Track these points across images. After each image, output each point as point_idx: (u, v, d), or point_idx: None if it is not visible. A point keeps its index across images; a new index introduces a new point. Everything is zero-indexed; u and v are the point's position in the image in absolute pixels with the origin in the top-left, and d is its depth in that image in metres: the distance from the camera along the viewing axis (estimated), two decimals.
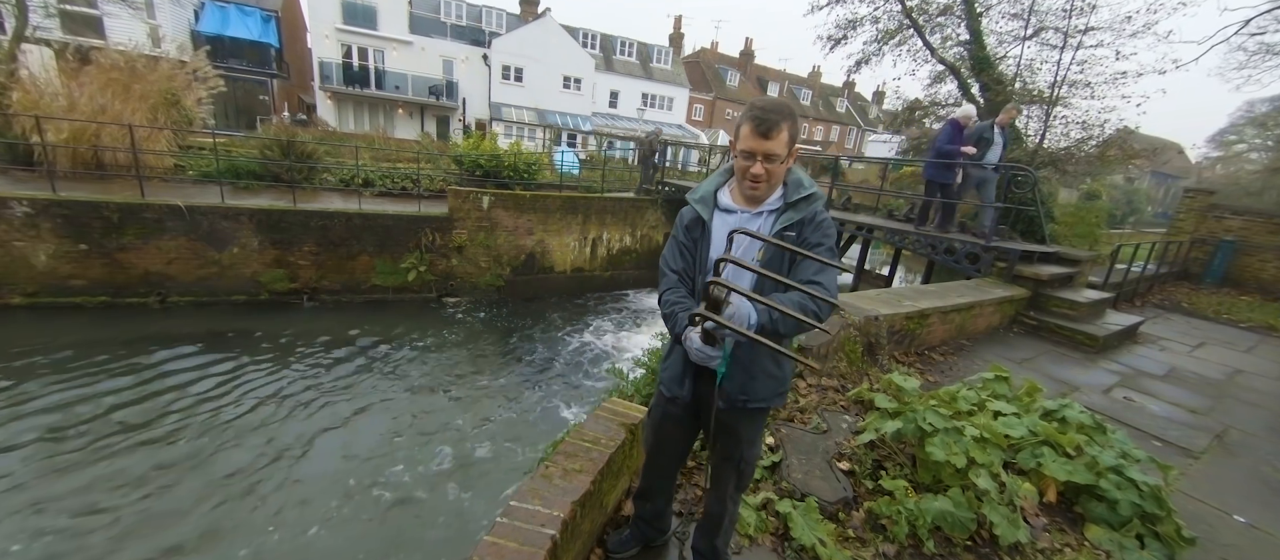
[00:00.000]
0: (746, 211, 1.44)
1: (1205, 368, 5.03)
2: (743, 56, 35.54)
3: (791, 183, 1.44)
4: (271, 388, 6.55)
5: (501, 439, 6.08)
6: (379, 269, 9.53)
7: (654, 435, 1.81)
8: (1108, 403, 3.85)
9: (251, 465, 5.13)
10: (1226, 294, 8.84)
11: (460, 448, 5.82)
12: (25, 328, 7.13)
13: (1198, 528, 2.31)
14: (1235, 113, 23.87)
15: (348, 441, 5.70)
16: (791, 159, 1.39)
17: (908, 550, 2.08)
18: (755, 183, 1.37)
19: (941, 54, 10.15)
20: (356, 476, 5.15)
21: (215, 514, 4.49)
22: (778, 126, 1.30)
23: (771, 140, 1.31)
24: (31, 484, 4.58)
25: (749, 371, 1.48)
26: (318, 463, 5.31)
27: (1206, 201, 10.34)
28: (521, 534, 1.46)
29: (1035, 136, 9.79)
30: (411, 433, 5.99)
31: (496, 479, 5.37)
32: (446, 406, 6.67)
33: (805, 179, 1.44)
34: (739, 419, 1.55)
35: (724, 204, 1.47)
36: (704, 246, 1.47)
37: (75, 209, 7.50)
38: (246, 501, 4.66)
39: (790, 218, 1.39)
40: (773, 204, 1.44)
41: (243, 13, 19.48)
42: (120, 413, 5.69)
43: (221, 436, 5.51)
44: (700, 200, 1.50)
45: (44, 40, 11.09)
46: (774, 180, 1.38)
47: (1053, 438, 2.48)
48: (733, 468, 1.66)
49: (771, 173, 1.35)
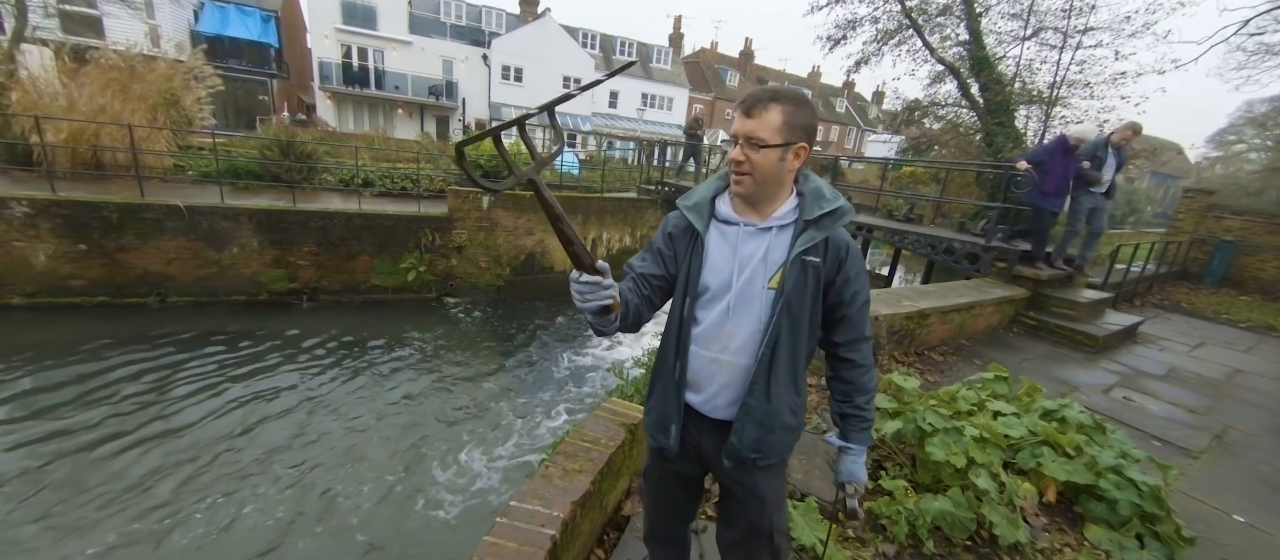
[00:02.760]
0: (751, 225, 1.17)
1: (1205, 368, 5.03)
2: (742, 57, 35.56)
3: (810, 193, 1.17)
4: (268, 388, 6.54)
5: (501, 439, 6.07)
6: (379, 269, 9.52)
7: (652, 495, 1.51)
8: (1107, 403, 3.85)
9: (247, 465, 5.13)
10: (1226, 294, 8.85)
11: (459, 447, 5.81)
12: (25, 327, 7.12)
13: (1197, 527, 2.31)
14: (1234, 113, 23.91)
15: (346, 441, 5.70)
16: (795, 158, 1.12)
17: (908, 550, 2.08)
18: (736, 170, 1.13)
19: (941, 54, 10.16)
20: (356, 476, 5.15)
21: (208, 513, 4.49)
22: (762, 104, 1.07)
23: (753, 119, 1.08)
24: (27, 487, 4.57)
25: (765, 425, 1.20)
26: (313, 461, 5.31)
27: (1206, 201, 10.34)
28: (521, 534, 1.46)
29: (1035, 136, 9.80)
30: (408, 432, 5.98)
31: (496, 479, 5.37)
32: (445, 407, 6.67)
33: (827, 190, 1.18)
34: (757, 480, 1.28)
35: (723, 214, 1.21)
36: (695, 262, 1.21)
37: (74, 209, 7.50)
38: (237, 499, 4.66)
39: (813, 238, 1.13)
40: (784, 217, 1.17)
41: (242, 13, 19.47)
42: (118, 412, 5.68)
43: (213, 436, 5.50)
44: (693, 207, 1.23)
45: (43, 40, 11.05)
46: (760, 176, 1.11)
47: (1052, 438, 2.48)
48: (764, 546, 1.32)
49: (754, 164, 1.10)
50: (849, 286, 1.19)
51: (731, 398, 1.23)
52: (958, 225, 7.23)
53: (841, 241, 1.17)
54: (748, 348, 1.19)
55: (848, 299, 1.20)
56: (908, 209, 8.35)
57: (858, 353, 1.25)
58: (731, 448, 1.22)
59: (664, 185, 12.35)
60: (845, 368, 1.26)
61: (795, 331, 1.17)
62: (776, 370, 1.18)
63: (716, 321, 1.19)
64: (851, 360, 1.25)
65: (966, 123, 10.87)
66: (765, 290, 1.16)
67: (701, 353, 1.22)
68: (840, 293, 1.19)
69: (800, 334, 1.19)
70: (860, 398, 1.26)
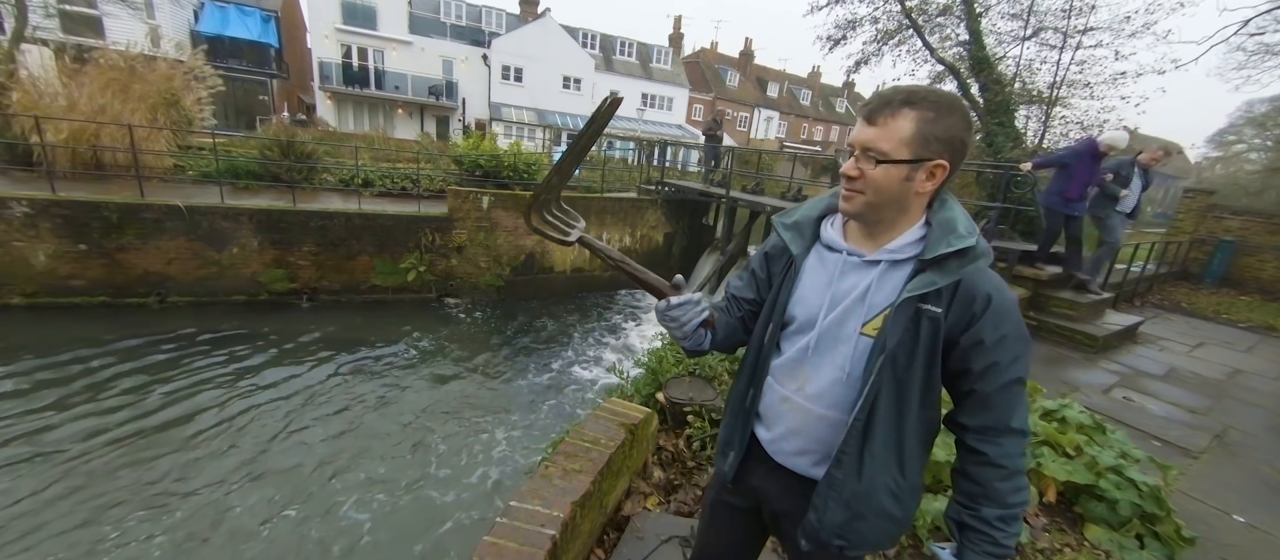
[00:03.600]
0: (857, 254, 0.98)
1: (1205, 367, 5.03)
2: (742, 56, 35.55)
3: (938, 225, 0.91)
4: (266, 386, 6.54)
5: (502, 439, 6.07)
6: (379, 269, 9.53)
7: (703, 516, 1.33)
8: (1107, 403, 3.85)
9: (240, 467, 5.13)
10: (1226, 294, 8.85)
11: (459, 447, 5.82)
12: (24, 327, 7.12)
13: (1197, 527, 2.31)
14: (1234, 113, 23.91)
15: (344, 441, 5.70)
16: (928, 179, 0.89)
17: (907, 550, 2.08)
18: (850, 185, 0.92)
19: (941, 54, 10.15)
20: (355, 476, 5.15)
21: (204, 511, 4.49)
22: (891, 109, 0.87)
23: (876, 126, 0.88)
24: (33, 487, 4.57)
25: (853, 507, 0.97)
26: (313, 460, 5.31)
27: (1206, 201, 10.34)
28: (521, 534, 1.46)
29: (1034, 137, 9.79)
30: (408, 432, 5.99)
31: (497, 479, 5.37)
32: (446, 406, 6.67)
33: (963, 222, 0.90)
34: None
35: (828, 237, 1.03)
36: (785, 289, 1.05)
37: (75, 209, 7.50)
38: (238, 500, 4.66)
39: (932, 283, 0.88)
40: (901, 250, 0.94)
41: (242, 13, 19.47)
42: (120, 412, 5.68)
43: (213, 436, 5.50)
44: (792, 226, 1.06)
45: (43, 40, 11.06)
46: (877, 196, 0.90)
47: (1052, 438, 2.49)
48: None
49: (870, 181, 0.89)
50: (982, 354, 0.89)
51: (800, 446, 1.05)
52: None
53: (979, 290, 0.88)
54: (827, 397, 1.00)
55: (980, 370, 0.90)
56: None
57: (994, 446, 0.92)
58: (809, 527, 1.01)
59: (664, 185, 12.35)
60: (973, 463, 0.95)
61: (902, 396, 0.93)
62: (871, 441, 0.94)
63: (795, 357, 1.03)
64: (982, 454, 0.93)
65: None
66: (858, 336, 0.95)
67: (776, 387, 1.07)
68: (967, 359, 0.90)
69: (908, 401, 0.94)
70: (989, 510, 0.93)
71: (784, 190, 9.97)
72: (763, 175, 11.33)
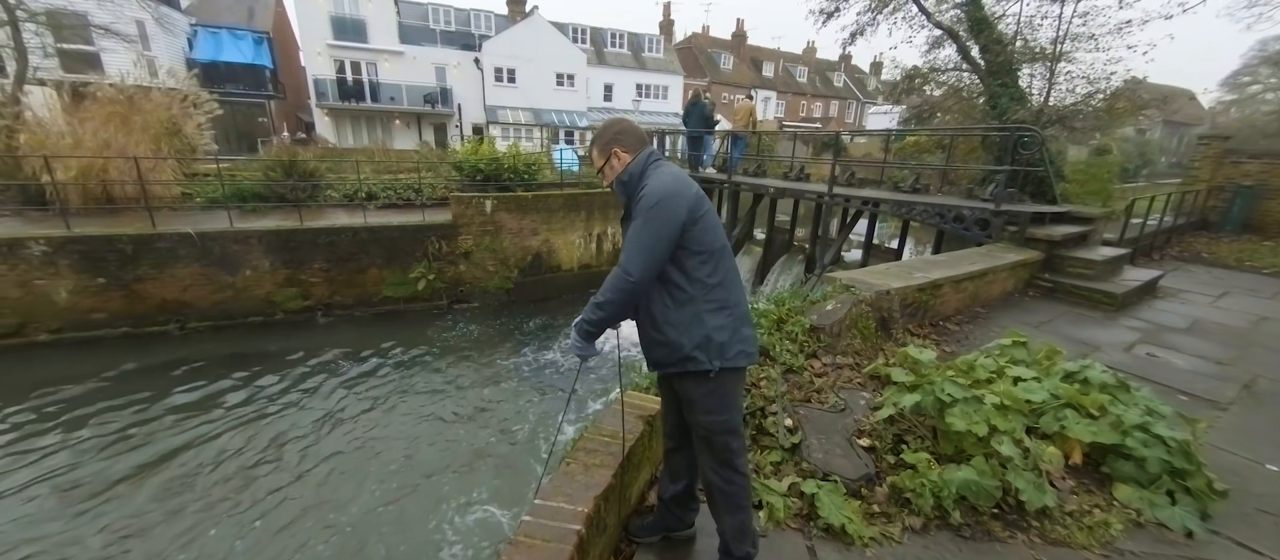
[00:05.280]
0: None
1: (1229, 317, 4.92)
2: (735, 38, 35.10)
3: None
4: (288, 403, 6.67)
5: (522, 438, 6.14)
6: (389, 280, 9.62)
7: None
8: (1130, 360, 3.79)
9: (281, 486, 5.24)
10: (1247, 241, 8.63)
11: (480, 450, 5.89)
12: (51, 363, 7.31)
13: (1229, 479, 2.27)
14: (1248, 53, 23.08)
15: (366, 451, 5.80)
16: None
17: (934, 522, 2.07)
18: None
19: (938, 17, 9.91)
20: (377, 486, 5.25)
21: (228, 527, 4.61)
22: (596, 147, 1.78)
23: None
24: (78, 518, 4.72)
25: (643, 342, 1.66)
26: (336, 469, 5.41)
27: (1222, 147, 10.06)
28: (548, 531, 1.48)
29: (1040, 95, 9.56)
30: (428, 438, 6.07)
31: (520, 478, 5.44)
32: (464, 410, 6.75)
33: None
34: (683, 384, 1.63)
35: None
36: None
37: (90, 244, 7.66)
38: (277, 519, 4.77)
39: None
40: None
41: (235, 37, 19.59)
42: (152, 440, 5.83)
43: (238, 462, 5.63)
44: None
45: (44, 81, 11.22)
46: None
47: (1075, 400, 2.45)
48: (701, 437, 1.67)
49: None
50: None
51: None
52: (965, 192, 7.12)
53: None
54: None
55: None
56: (914, 179, 8.23)
57: None
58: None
59: None
60: None
61: None
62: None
63: None
64: None
65: (969, 86, 10.62)
66: None
67: None
68: None
69: None
70: None
71: (786, 171, 9.85)
72: (764, 156, 11.19)
